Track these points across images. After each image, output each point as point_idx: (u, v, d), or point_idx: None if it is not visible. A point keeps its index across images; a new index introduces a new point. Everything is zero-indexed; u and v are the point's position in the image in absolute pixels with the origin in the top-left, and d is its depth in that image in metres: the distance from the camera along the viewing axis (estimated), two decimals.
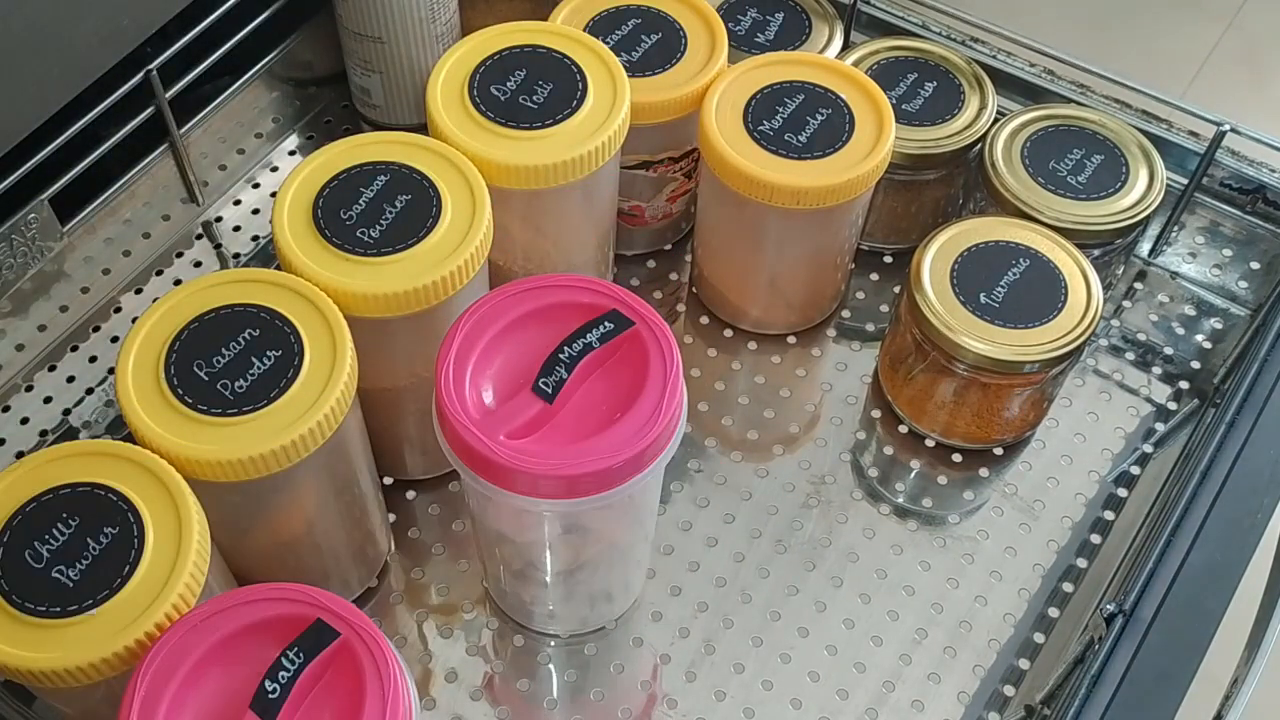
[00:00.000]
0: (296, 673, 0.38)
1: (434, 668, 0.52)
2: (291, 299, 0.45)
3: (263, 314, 0.45)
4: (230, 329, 0.44)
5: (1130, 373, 0.62)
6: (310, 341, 0.44)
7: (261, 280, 0.46)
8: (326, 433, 0.43)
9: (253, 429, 0.42)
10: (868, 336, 0.63)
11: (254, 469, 0.42)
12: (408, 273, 0.46)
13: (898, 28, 0.67)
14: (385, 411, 0.52)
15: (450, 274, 0.46)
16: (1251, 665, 0.46)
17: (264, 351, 0.44)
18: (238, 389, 0.43)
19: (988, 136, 0.60)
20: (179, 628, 0.38)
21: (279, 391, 0.43)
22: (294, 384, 0.43)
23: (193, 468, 0.42)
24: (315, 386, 0.43)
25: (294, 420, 0.42)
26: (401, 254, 0.46)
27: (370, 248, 0.46)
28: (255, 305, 0.45)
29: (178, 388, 0.43)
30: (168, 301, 0.45)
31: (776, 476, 0.58)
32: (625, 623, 0.53)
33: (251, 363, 0.43)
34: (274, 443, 0.42)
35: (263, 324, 0.44)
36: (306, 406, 0.43)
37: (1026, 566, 0.55)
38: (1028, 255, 0.56)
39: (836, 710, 0.51)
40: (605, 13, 0.59)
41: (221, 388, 0.43)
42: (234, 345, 0.44)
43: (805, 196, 0.53)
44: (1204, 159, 0.61)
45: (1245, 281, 0.65)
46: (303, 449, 0.43)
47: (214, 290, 0.45)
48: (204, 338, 0.44)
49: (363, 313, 0.46)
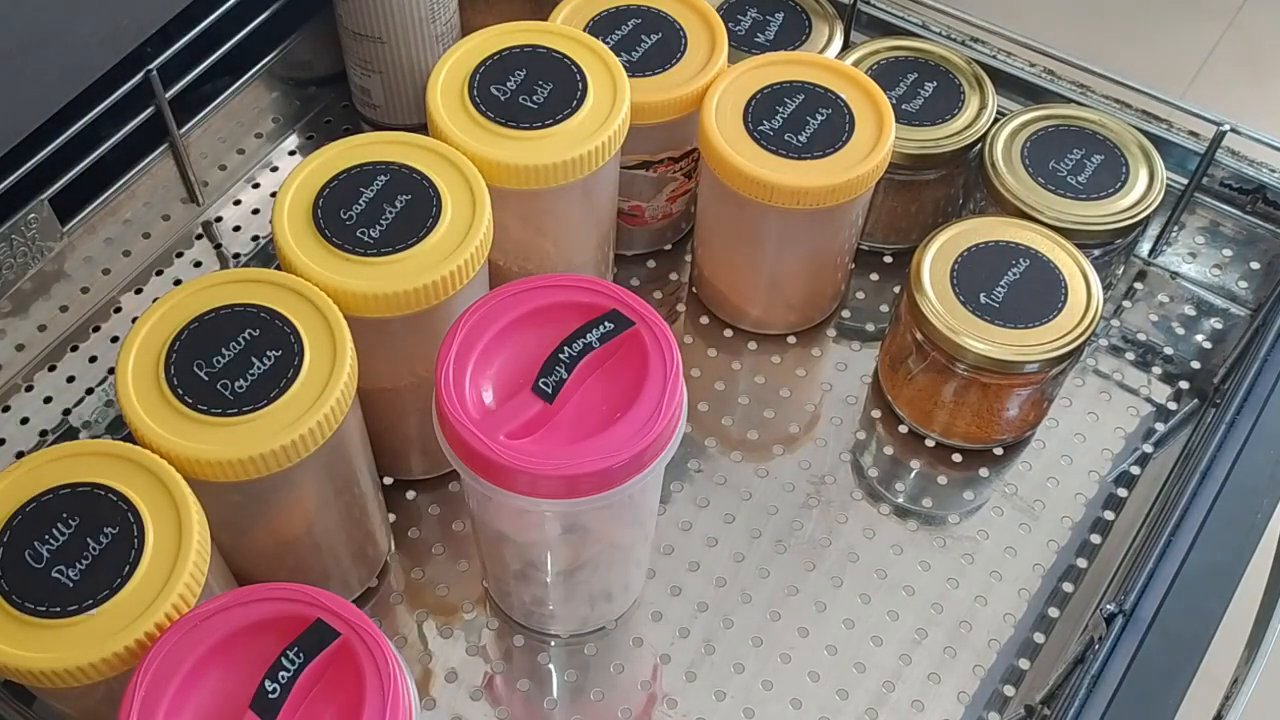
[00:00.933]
0: (297, 673, 0.38)
1: (434, 668, 0.52)
2: (292, 299, 0.45)
3: (263, 314, 0.45)
4: (230, 329, 0.44)
5: (1130, 373, 0.62)
6: (310, 342, 0.44)
7: (261, 280, 0.46)
8: (326, 433, 0.43)
9: (252, 429, 0.42)
10: (868, 336, 0.63)
11: (254, 469, 0.42)
12: (407, 273, 0.46)
13: (898, 28, 0.67)
14: (386, 411, 0.52)
15: (450, 274, 0.46)
16: (1251, 665, 0.46)
17: (264, 352, 0.44)
18: (238, 389, 0.43)
19: (988, 136, 0.60)
20: (179, 628, 0.38)
21: (279, 391, 0.43)
22: (294, 384, 0.43)
23: (193, 468, 0.42)
24: (315, 386, 0.43)
25: (294, 420, 0.42)
26: (401, 254, 0.46)
27: (370, 248, 0.46)
28: (255, 305, 0.45)
29: (178, 388, 0.43)
30: (168, 301, 0.45)
31: (776, 476, 0.58)
32: (625, 623, 0.53)
33: (251, 363, 0.43)
34: (274, 443, 0.42)
35: (263, 324, 0.44)
36: (306, 406, 0.43)
37: (1026, 566, 0.55)
38: (1028, 255, 0.56)
39: (836, 710, 0.51)
40: (605, 13, 0.59)
41: (221, 388, 0.43)
42: (234, 345, 0.44)
43: (805, 196, 0.53)
44: (1204, 159, 0.61)
45: (1245, 281, 0.65)
46: (302, 449, 0.42)
47: (214, 290, 0.45)
48: (204, 338, 0.44)
49: (363, 313, 0.46)
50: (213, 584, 0.42)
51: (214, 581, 0.43)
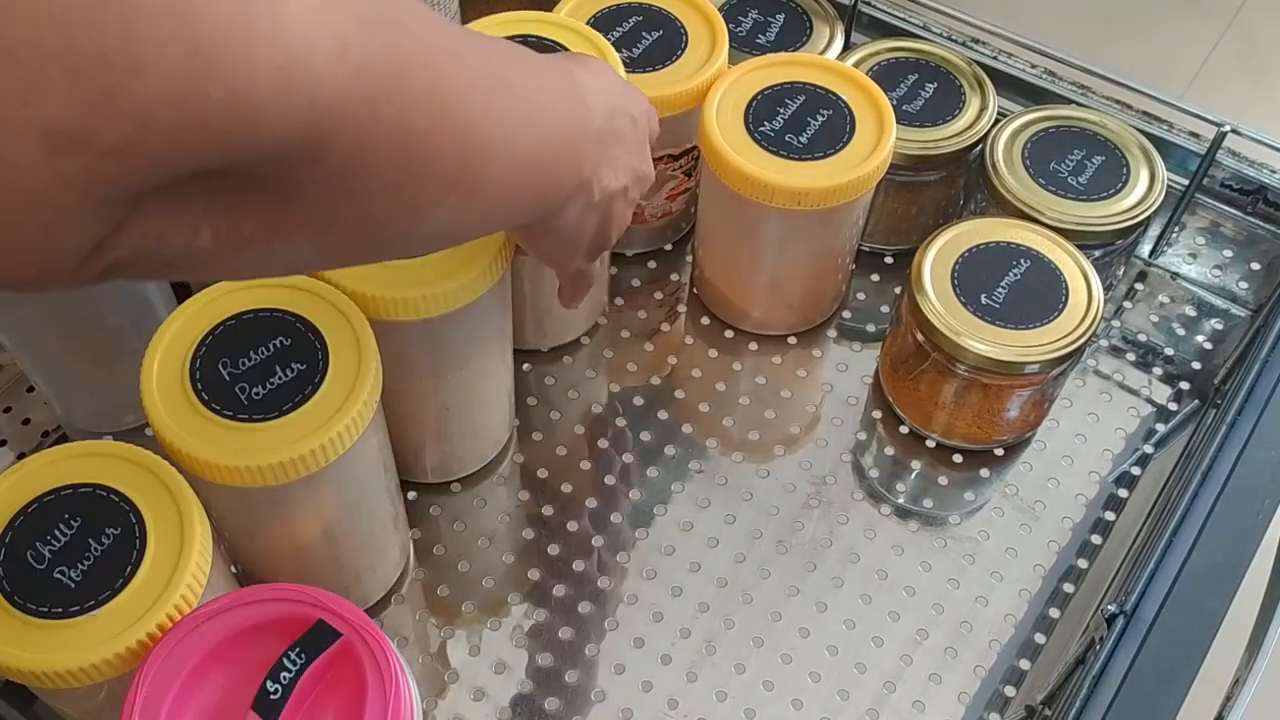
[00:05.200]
0: (298, 673, 0.38)
1: (435, 668, 0.52)
2: (326, 310, 0.45)
3: (298, 324, 0.44)
4: (262, 333, 0.44)
5: (1131, 373, 0.62)
6: (336, 356, 0.43)
7: (297, 287, 0.45)
8: (340, 449, 0.42)
9: (265, 438, 0.41)
10: (868, 337, 0.63)
11: (260, 478, 0.42)
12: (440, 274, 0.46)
13: (898, 29, 0.67)
14: (392, 416, 0.52)
15: (486, 270, 0.46)
16: (1252, 666, 0.46)
17: (289, 363, 0.43)
18: (254, 395, 0.42)
19: (988, 137, 0.60)
20: (181, 629, 0.38)
21: (294, 405, 0.42)
22: (312, 398, 0.42)
23: (202, 470, 0.42)
24: (335, 400, 0.42)
25: (306, 434, 0.42)
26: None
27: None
28: (290, 313, 0.44)
29: (199, 387, 0.42)
30: (204, 297, 0.45)
31: (777, 477, 0.58)
32: (626, 623, 0.53)
33: (275, 370, 0.43)
34: (282, 455, 0.41)
35: (295, 334, 0.44)
36: (323, 421, 0.42)
37: (1027, 567, 0.55)
38: (1028, 256, 0.56)
39: (837, 710, 0.51)
40: (607, 9, 0.59)
41: (239, 391, 0.43)
42: (262, 350, 0.44)
43: (806, 197, 0.54)
44: (1205, 160, 0.61)
45: (1246, 282, 0.65)
46: (312, 463, 0.42)
47: (248, 293, 0.45)
48: (234, 339, 0.44)
49: (395, 317, 0.46)
50: (216, 585, 0.42)
51: (217, 582, 0.43)
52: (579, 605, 0.54)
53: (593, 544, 0.55)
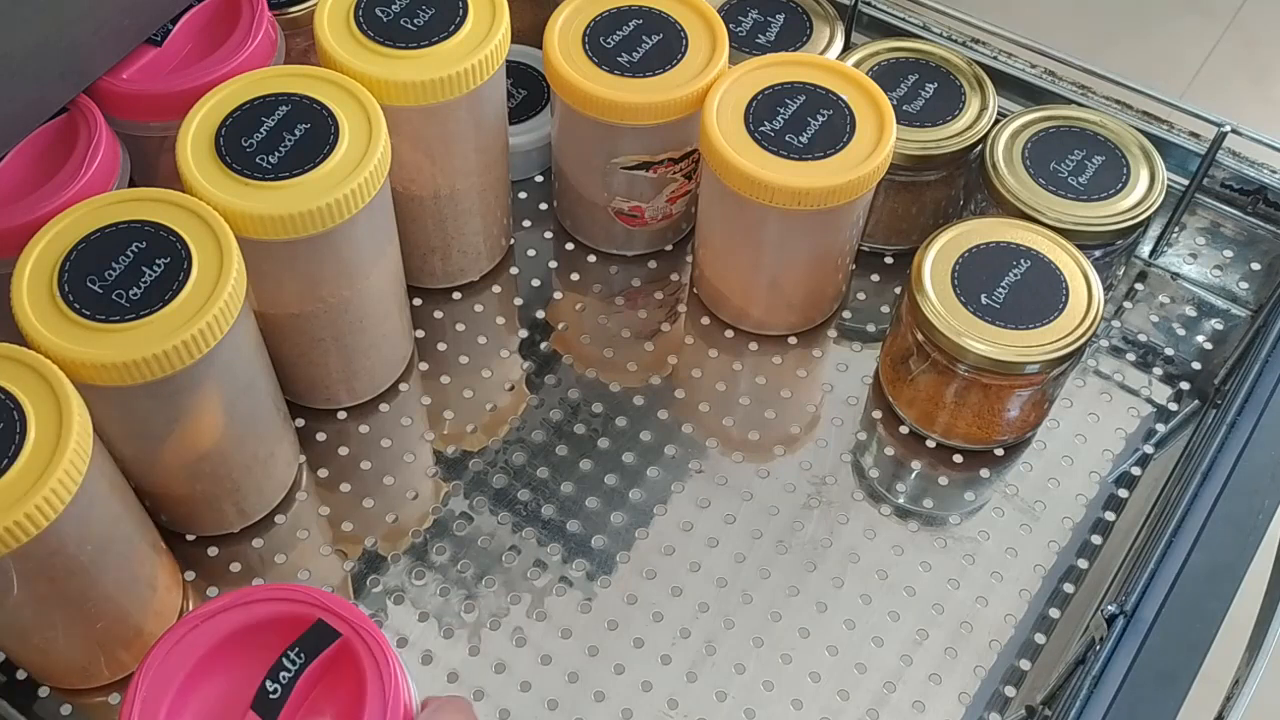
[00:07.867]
0: (298, 673, 0.38)
1: (435, 668, 0.52)
2: (177, 214, 0.47)
3: (147, 228, 0.46)
4: (120, 244, 0.46)
5: (1131, 373, 0.62)
6: (198, 250, 0.46)
7: (151, 199, 0.47)
8: (218, 334, 0.45)
9: (145, 333, 0.44)
10: (869, 337, 0.63)
11: (147, 371, 0.44)
12: (307, 195, 0.48)
13: (899, 29, 0.67)
14: (298, 338, 0.54)
15: (349, 194, 0.48)
16: (1252, 666, 0.46)
17: (153, 261, 0.46)
18: (132, 297, 0.45)
19: (989, 137, 0.60)
20: (180, 628, 0.38)
21: (170, 296, 0.45)
22: (184, 289, 0.45)
23: (86, 372, 0.43)
24: (205, 289, 0.45)
25: (184, 322, 0.44)
26: (300, 178, 0.48)
27: (269, 173, 0.48)
28: (142, 221, 0.47)
29: (72, 301, 0.44)
30: (62, 220, 0.47)
31: (777, 477, 0.58)
32: (626, 623, 0.53)
33: (142, 272, 0.45)
34: (164, 344, 0.43)
35: (149, 237, 0.46)
36: (197, 308, 0.44)
37: (1027, 567, 0.55)
38: (1029, 256, 0.56)
39: (838, 711, 0.51)
40: (606, 13, 0.59)
41: (116, 297, 0.44)
42: (123, 259, 0.46)
43: (806, 198, 0.54)
44: (1205, 160, 0.61)
45: (1246, 282, 0.65)
46: (195, 350, 0.44)
47: (106, 209, 0.47)
48: (94, 254, 0.46)
49: (264, 235, 0.48)
50: (107, 491, 0.44)
51: (109, 489, 0.44)
52: (579, 606, 0.54)
53: (593, 544, 0.55)
